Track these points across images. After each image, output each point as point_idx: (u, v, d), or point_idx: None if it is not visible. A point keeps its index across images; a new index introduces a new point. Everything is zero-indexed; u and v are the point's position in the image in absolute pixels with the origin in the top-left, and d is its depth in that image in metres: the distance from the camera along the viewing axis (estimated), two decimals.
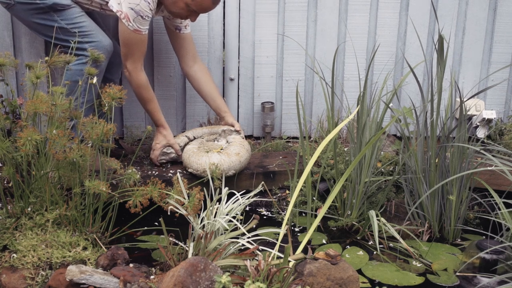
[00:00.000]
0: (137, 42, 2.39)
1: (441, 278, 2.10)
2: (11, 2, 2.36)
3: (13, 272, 1.83)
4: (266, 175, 2.62)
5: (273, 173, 2.64)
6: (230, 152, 2.50)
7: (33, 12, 2.35)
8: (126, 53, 2.41)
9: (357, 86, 2.92)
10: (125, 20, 2.31)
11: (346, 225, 2.43)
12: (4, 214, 1.97)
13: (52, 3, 2.32)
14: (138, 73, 2.45)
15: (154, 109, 2.56)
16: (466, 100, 2.55)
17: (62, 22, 2.34)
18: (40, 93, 1.94)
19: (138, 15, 2.30)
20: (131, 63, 2.43)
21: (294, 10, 2.92)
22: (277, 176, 2.65)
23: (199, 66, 2.72)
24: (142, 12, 2.31)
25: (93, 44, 2.36)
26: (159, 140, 2.59)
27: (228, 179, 2.44)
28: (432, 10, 2.94)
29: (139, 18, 2.32)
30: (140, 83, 2.47)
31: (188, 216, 1.96)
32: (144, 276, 1.78)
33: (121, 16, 2.31)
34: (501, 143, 2.83)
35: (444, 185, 2.33)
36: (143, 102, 2.54)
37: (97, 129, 1.93)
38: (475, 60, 3.04)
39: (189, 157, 2.50)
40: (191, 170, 2.48)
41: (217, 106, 2.73)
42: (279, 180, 2.65)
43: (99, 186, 1.87)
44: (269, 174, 2.63)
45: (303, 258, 1.81)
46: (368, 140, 2.35)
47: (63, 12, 2.35)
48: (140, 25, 2.34)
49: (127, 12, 2.30)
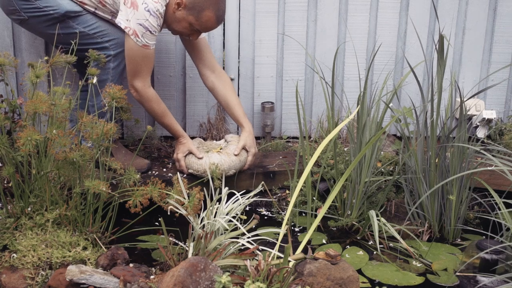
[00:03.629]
0: (146, 58, 2.36)
1: (441, 278, 2.10)
2: (24, 17, 2.36)
3: (13, 272, 1.83)
4: (266, 175, 2.62)
5: (273, 173, 2.64)
6: (229, 151, 2.50)
7: (48, 24, 2.35)
8: (134, 70, 2.37)
9: (357, 86, 2.92)
10: (133, 36, 2.29)
11: (346, 225, 2.43)
12: (4, 214, 1.97)
13: (65, 11, 2.32)
14: (147, 90, 2.42)
15: (171, 122, 2.53)
16: (466, 100, 2.55)
17: (78, 27, 2.34)
18: (40, 93, 1.94)
19: (147, 30, 2.29)
20: (140, 81, 2.39)
21: (294, 10, 2.92)
22: (277, 176, 2.65)
23: (217, 75, 2.66)
24: (151, 28, 2.30)
25: (113, 41, 2.37)
26: (180, 150, 2.53)
27: (228, 179, 2.44)
28: (432, 10, 2.94)
29: (148, 33, 2.30)
30: (151, 98, 2.44)
31: (188, 216, 1.96)
32: (144, 276, 1.78)
33: (129, 32, 2.29)
34: (501, 143, 2.83)
35: (444, 185, 2.33)
36: (158, 117, 2.51)
37: (97, 129, 1.93)
38: (475, 60, 3.04)
39: (189, 158, 2.50)
40: (191, 170, 2.48)
41: (235, 118, 2.68)
42: (279, 180, 2.65)
43: (99, 186, 1.87)
44: (269, 174, 2.63)
45: (303, 258, 1.81)
46: (368, 140, 2.35)
47: (77, 18, 2.35)
48: (149, 40, 2.33)
49: (135, 28, 2.28)
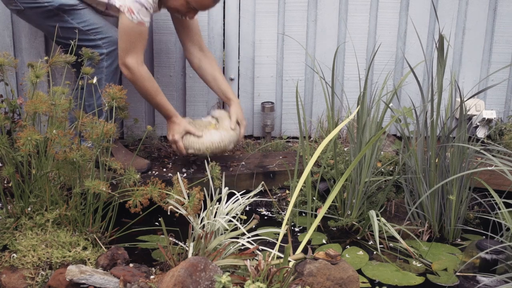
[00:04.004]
0: (140, 35, 2.35)
1: (441, 278, 2.10)
2: (20, 8, 2.36)
3: (13, 272, 1.83)
4: (266, 175, 2.62)
5: (273, 173, 2.64)
6: (226, 126, 2.52)
7: (44, 16, 2.35)
8: (127, 47, 2.35)
9: (357, 86, 2.92)
10: (128, 13, 2.29)
11: (346, 225, 2.43)
12: (4, 214, 1.97)
13: (59, 4, 2.32)
14: (141, 67, 2.40)
15: (164, 100, 2.49)
16: (466, 100, 2.55)
17: (73, 22, 2.34)
18: (40, 93, 1.94)
19: (142, 6, 2.29)
20: (133, 57, 2.37)
21: (294, 10, 2.92)
22: (277, 176, 2.65)
23: (204, 54, 2.66)
24: (146, 3, 2.29)
25: (106, 39, 2.36)
26: (175, 131, 2.50)
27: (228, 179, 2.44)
28: (432, 10, 2.94)
29: (144, 9, 2.30)
30: (145, 76, 2.41)
31: (188, 216, 1.96)
32: (144, 276, 1.78)
33: (124, 10, 2.29)
34: (501, 143, 2.83)
35: (444, 185, 2.33)
36: (151, 96, 2.46)
37: (97, 129, 1.93)
38: (475, 60, 3.04)
39: (187, 138, 2.48)
40: (191, 150, 2.47)
41: (223, 92, 2.67)
42: (279, 180, 2.65)
43: (99, 186, 1.87)
44: (269, 174, 2.63)
45: (303, 258, 1.81)
46: (368, 140, 2.35)
47: (72, 13, 2.34)
48: (144, 16, 2.32)
49: (131, 5, 2.28)
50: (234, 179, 2.54)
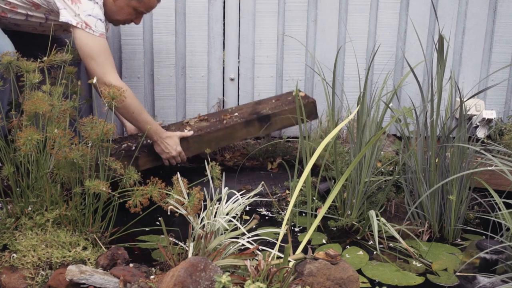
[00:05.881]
0: (107, 49, 2.26)
1: (441, 278, 2.10)
2: None
3: (13, 272, 1.83)
4: (261, 120, 2.62)
5: (268, 117, 2.63)
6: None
7: None
8: (101, 66, 2.22)
9: (357, 86, 2.93)
10: (88, 29, 2.21)
11: (346, 225, 2.43)
12: (4, 214, 1.97)
13: None
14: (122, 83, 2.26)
15: (149, 117, 2.37)
16: (466, 100, 2.55)
17: None
18: (39, 93, 1.94)
19: (97, 19, 2.23)
20: (112, 75, 2.24)
21: (294, 10, 2.92)
22: (273, 119, 2.63)
23: None
24: (99, 16, 2.24)
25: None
26: (175, 143, 2.44)
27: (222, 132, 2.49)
28: (432, 10, 2.94)
29: (99, 21, 2.23)
30: (130, 94, 2.28)
31: (188, 216, 1.96)
32: (144, 276, 1.78)
33: (83, 26, 2.20)
34: (501, 143, 2.83)
35: (444, 185, 2.33)
36: (136, 114, 2.31)
37: (96, 129, 1.93)
38: (475, 60, 3.04)
39: None
40: None
41: None
42: (275, 123, 2.64)
43: (99, 186, 1.87)
44: (264, 118, 2.62)
45: (303, 258, 1.81)
46: (368, 140, 2.35)
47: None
48: (102, 29, 2.24)
49: (86, 20, 2.20)
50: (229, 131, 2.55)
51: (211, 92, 3.01)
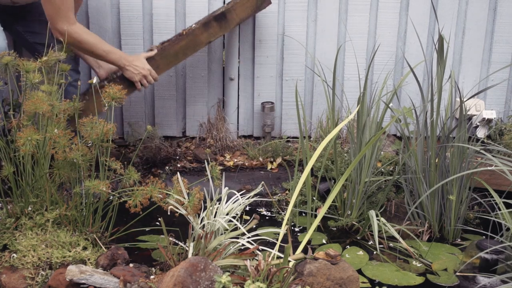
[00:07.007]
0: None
1: (441, 278, 2.10)
2: None
3: (13, 272, 1.83)
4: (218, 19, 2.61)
5: (223, 14, 2.62)
6: None
7: None
8: (54, 12, 2.18)
9: (357, 86, 2.92)
10: None
11: (346, 225, 2.43)
12: (4, 214, 1.97)
13: None
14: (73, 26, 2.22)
15: (110, 46, 2.37)
16: (466, 100, 2.55)
17: None
18: (39, 93, 1.94)
19: None
20: (64, 20, 2.20)
21: (294, 10, 2.92)
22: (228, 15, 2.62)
23: None
24: None
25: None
26: (142, 63, 2.44)
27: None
28: (432, 10, 2.94)
29: None
30: (80, 31, 2.25)
31: (188, 216, 1.96)
32: (144, 276, 1.78)
33: None
34: (501, 143, 2.83)
35: (444, 185, 2.33)
36: (96, 47, 2.31)
37: (97, 129, 1.93)
38: (475, 60, 3.04)
39: None
40: None
41: None
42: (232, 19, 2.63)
43: (99, 186, 1.87)
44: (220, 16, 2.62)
45: (303, 258, 1.81)
46: (368, 140, 2.35)
47: None
48: None
49: None
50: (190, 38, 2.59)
51: (211, 92, 3.01)
